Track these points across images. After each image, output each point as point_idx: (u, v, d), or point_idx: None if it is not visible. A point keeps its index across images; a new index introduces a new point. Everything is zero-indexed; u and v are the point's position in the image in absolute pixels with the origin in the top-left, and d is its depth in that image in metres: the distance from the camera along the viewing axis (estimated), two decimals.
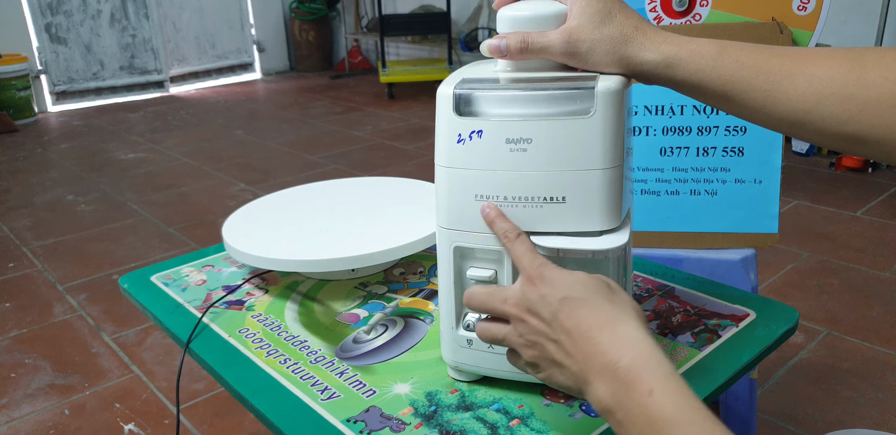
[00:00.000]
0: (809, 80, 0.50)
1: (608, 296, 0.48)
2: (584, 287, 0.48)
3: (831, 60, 0.50)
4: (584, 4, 0.53)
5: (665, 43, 0.53)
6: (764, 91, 0.51)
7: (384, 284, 0.81)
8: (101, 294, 2.06)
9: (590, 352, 0.45)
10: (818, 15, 0.96)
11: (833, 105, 0.49)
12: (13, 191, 3.04)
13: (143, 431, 1.46)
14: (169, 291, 0.81)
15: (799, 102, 0.50)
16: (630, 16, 0.54)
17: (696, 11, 1.01)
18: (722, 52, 0.52)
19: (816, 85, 0.49)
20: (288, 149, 3.50)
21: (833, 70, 0.49)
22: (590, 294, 0.47)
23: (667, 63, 0.52)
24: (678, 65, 0.52)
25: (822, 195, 2.57)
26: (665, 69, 0.53)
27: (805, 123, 0.51)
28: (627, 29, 0.53)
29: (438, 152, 0.54)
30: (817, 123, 0.50)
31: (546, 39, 0.53)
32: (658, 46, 0.53)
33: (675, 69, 0.52)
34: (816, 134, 0.51)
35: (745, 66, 0.51)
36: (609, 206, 0.52)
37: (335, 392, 0.61)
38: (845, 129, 0.49)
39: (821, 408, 1.43)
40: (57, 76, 4.67)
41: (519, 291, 0.49)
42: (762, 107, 0.52)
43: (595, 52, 0.53)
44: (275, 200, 0.95)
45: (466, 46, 4.53)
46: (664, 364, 0.44)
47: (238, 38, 5.52)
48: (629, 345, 0.45)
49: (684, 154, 1.01)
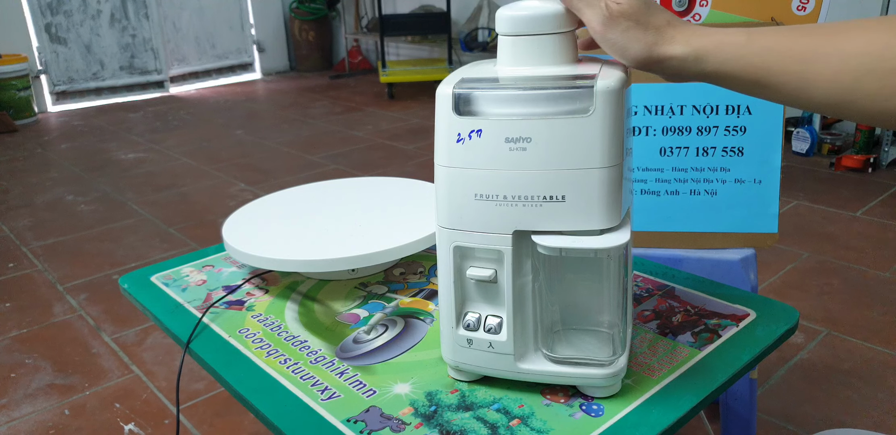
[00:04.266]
0: (844, 58, 0.47)
1: None
2: None
3: (866, 33, 0.47)
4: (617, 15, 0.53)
5: (694, 36, 0.52)
6: (797, 74, 0.49)
7: (384, 284, 0.81)
8: (101, 294, 2.06)
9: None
10: (817, 15, 0.96)
11: (873, 81, 0.47)
12: (13, 191, 3.04)
13: (143, 431, 1.46)
14: (169, 291, 0.81)
15: (835, 82, 0.48)
16: (668, 12, 0.54)
17: (696, 11, 1.01)
18: (750, 39, 0.51)
19: (852, 62, 0.47)
20: (288, 149, 3.50)
21: (869, 44, 0.47)
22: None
23: (695, 56, 0.52)
24: (706, 57, 0.52)
25: (822, 195, 2.57)
26: (694, 62, 0.52)
27: (846, 104, 0.48)
28: (663, 23, 0.53)
29: (438, 152, 0.54)
30: (859, 102, 0.48)
31: (593, 3, 0.54)
32: (687, 39, 0.52)
33: (705, 62, 0.52)
34: (860, 114, 0.49)
35: (774, 51, 0.50)
36: (609, 204, 0.52)
37: (335, 392, 0.61)
38: (890, 105, 0.47)
39: (821, 408, 1.43)
40: (57, 76, 4.68)
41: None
42: (798, 90, 0.50)
43: (629, 36, 0.53)
44: (275, 200, 0.95)
45: (466, 46, 4.53)
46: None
47: (238, 38, 5.52)
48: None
49: (684, 154, 1.01)
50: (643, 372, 0.62)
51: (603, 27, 0.53)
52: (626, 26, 0.53)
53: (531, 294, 0.57)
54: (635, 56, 0.53)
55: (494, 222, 0.54)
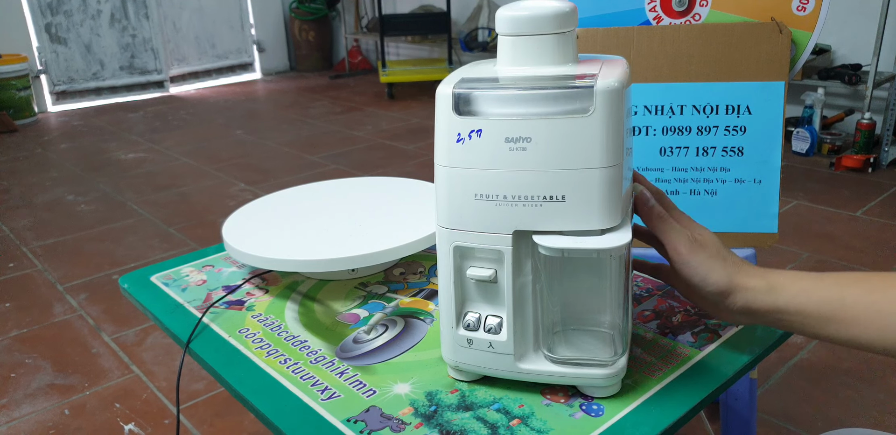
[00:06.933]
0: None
1: None
2: None
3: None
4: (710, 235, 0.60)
5: (769, 272, 0.57)
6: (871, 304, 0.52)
7: (384, 284, 0.81)
8: (101, 294, 2.06)
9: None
10: (817, 15, 0.96)
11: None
12: (13, 191, 3.04)
13: (143, 431, 1.46)
14: (169, 291, 0.81)
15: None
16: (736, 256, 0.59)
17: (696, 11, 1.01)
18: (822, 275, 0.55)
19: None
20: (288, 149, 3.50)
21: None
22: None
23: (769, 287, 0.56)
24: (780, 290, 0.55)
25: (822, 195, 2.57)
26: (767, 293, 0.56)
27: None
28: (738, 260, 0.59)
29: (438, 152, 0.54)
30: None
31: (678, 226, 0.60)
32: (763, 274, 0.57)
33: (778, 293, 0.55)
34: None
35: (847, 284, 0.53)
36: (609, 204, 0.52)
37: (335, 392, 0.61)
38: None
39: (821, 408, 1.43)
40: (57, 76, 4.68)
41: None
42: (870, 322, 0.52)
43: (710, 263, 0.58)
44: (275, 200, 0.95)
45: (466, 46, 4.53)
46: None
47: (238, 38, 5.52)
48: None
49: (684, 154, 1.01)
50: (643, 372, 0.62)
51: (688, 252, 0.59)
52: (708, 254, 0.58)
53: (531, 294, 0.57)
54: (716, 281, 0.57)
55: (494, 222, 0.54)
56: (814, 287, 0.54)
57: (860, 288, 0.53)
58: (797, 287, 0.55)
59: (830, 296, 0.53)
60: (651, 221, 0.61)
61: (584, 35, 0.99)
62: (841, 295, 0.53)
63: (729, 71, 0.97)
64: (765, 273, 0.57)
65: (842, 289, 0.53)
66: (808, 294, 0.54)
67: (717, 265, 0.58)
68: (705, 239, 0.59)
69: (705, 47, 0.97)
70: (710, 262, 0.58)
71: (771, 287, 0.56)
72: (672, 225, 0.60)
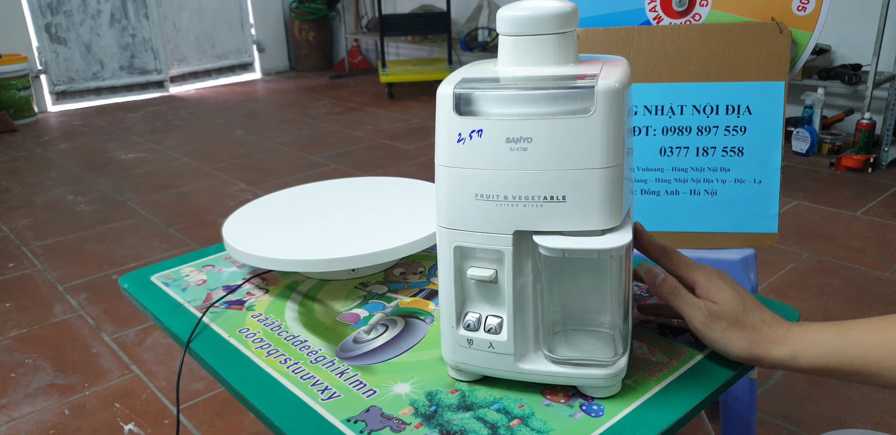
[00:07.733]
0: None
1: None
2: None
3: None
4: (728, 296, 0.59)
5: (789, 336, 0.57)
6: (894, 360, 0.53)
7: (384, 284, 0.81)
8: (101, 294, 2.06)
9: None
10: (818, 15, 0.96)
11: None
12: (13, 191, 3.04)
13: (143, 431, 1.46)
14: (169, 291, 0.81)
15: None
16: (761, 309, 0.60)
17: (696, 11, 1.01)
18: (841, 332, 0.56)
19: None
20: (288, 149, 3.50)
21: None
22: None
23: (791, 356, 0.57)
24: (802, 356, 0.56)
25: (822, 195, 2.57)
26: (791, 361, 0.57)
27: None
28: (759, 322, 0.58)
29: (438, 152, 0.54)
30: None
31: (692, 300, 0.60)
32: (784, 340, 0.57)
33: (800, 360, 0.57)
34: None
35: (869, 345, 0.54)
36: (609, 204, 0.52)
37: (335, 392, 0.61)
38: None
39: (821, 408, 1.43)
40: (57, 76, 4.68)
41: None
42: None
43: (729, 336, 0.58)
44: (275, 200, 0.95)
45: (466, 46, 4.53)
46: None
47: (238, 38, 5.52)
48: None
49: (684, 154, 1.01)
50: (643, 372, 0.62)
51: (704, 327, 0.59)
52: (725, 326, 0.58)
53: (531, 294, 0.57)
54: (737, 354, 0.59)
55: (495, 222, 0.54)
56: (836, 348, 0.55)
57: (887, 348, 0.53)
58: (819, 351, 0.56)
59: (853, 357, 0.54)
60: (665, 297, 0.62)
61: (584, 35, 0.99)
62: (864, 356, 0.54)
63: (729, 71, 0.97)
64: (786, 337, 0.57)
65: (866, 350, 0.54)
66: (832, 356, 0.55)
67: (736, 337, 0.58)
68: (721, 308, 0.59)
69: (705, 47, 0.97)
70: (728, 333, 0.58)
71: (793, 356, 0.57)
72: (686, 299, 0.61)
